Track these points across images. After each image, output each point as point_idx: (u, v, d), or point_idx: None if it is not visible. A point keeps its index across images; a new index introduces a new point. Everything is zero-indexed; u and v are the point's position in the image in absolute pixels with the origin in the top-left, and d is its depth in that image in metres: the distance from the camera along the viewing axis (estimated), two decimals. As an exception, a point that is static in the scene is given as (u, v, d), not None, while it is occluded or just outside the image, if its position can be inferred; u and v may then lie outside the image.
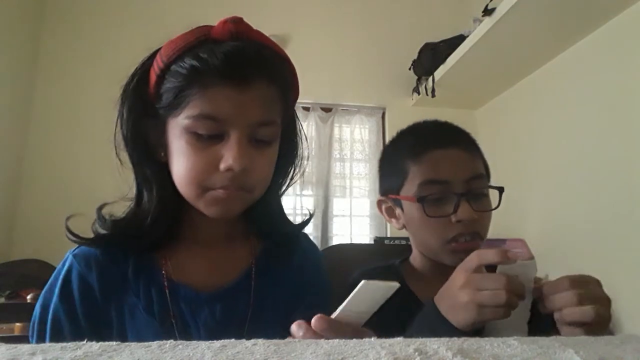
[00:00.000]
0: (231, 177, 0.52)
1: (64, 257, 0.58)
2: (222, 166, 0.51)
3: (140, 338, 0.53)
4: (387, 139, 2.38)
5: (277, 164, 0.60)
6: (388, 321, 0.56)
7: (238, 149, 0.51)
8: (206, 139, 0.52)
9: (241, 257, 0.63)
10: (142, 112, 0.56)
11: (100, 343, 0.31)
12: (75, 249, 0.58)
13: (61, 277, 0.56)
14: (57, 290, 0.55)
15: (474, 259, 0.53)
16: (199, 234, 0.61)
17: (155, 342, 0.32)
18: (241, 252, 0.64)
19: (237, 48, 0.51)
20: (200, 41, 0.52)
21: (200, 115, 0.51)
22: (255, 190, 0.56)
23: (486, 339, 0.34)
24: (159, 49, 0.56)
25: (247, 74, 0.51)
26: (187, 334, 0.55)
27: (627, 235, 1.37)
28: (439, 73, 2.09)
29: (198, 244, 0.61)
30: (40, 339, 0.54)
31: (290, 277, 0.64)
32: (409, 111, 2.40)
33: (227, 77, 0.50)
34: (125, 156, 0.58)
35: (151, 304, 0.56)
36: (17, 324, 1.15)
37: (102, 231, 0.57)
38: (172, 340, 0.32)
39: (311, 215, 0.70)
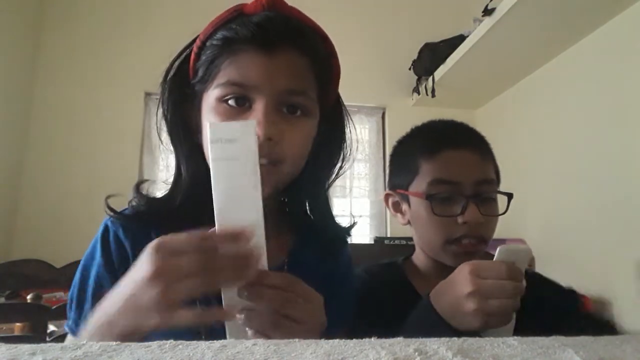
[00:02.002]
0: (260, 144, 0.49)
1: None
2: None
3: None
4: (387, 139, 2.40)
5: (322, 152, 0.59)
6: (391, 319, 0.56)
7: (264, 116, 0.49)
8: (235, 108, 0.51)
9: (274, 250, 0.63)
10: (183, 95, 0.57)
11: (100, 343, 0.31)
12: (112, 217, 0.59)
13: (100, 238, 0.57)
14: (98, 251, 0.56)
15: (488, 268, 0.51)
16: None
17: (155, 342, 0.32)
18: (274, 246, 0.63)
19: (267, 17, 0.52)
20: (233, 16, 0.53)
21: (228, 82, 0.51)
22: (284, 164, 0.53)
23: (486, 339, 0.35)
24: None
25: (274, 41, 0.51)
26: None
27: (627, 235, 1.37)
28: (439, 73, 2.09)
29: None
30: (80, 305, 0.54)
31: (321, 277, 0.62)
32: (409, 111, 2.40)
33: (255, 44, 0.50)
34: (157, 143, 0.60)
35: None
36: (17, 324, 1.15)
37: (140, 207, 0.57)
38: (171, 340, 0.32)
39: (355, 222, 0.69)
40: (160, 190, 0.61)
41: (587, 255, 1.52)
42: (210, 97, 0.53)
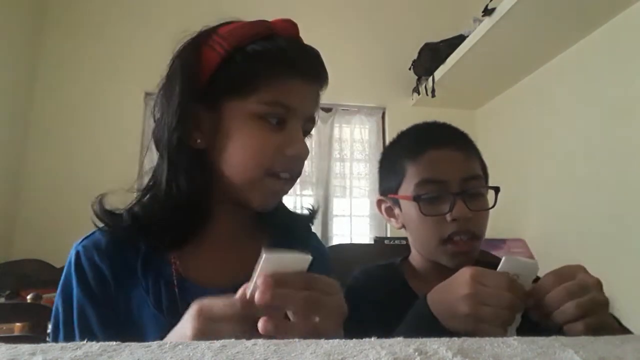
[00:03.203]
0: (295, 162, 0.56)
1: (64, 257, 0.57)
2: (290, 152, 0.55)
3: (146, 332, 0.53)
4: (387, 139, 2.39)
5: None
6: (389, 320, 0.56)
7: (302, 138, 0.56)
8: (274, 126, 0.55)
9: (251, 257, 0.63)
10: (190, 95, 0.55)
11: (100, 343, 0.31)
12: (82, 241, 0.57)
13: (73, 267, 0.55)
14: (74, 280, 0.54)
15: (489, 276, 0.50)
16: (212, 232, 0.60)
17: (155, 342, 0.32)
18: (250, 253, 0.64)
19: (308, 47, 0.58)
20: (267, 33, 0.56)
21: (272, 101, 0.54)
22: (297, 178, 0.60)
23: (486, 338, 0.34)
24: (207, 30, 0.57)
25: (314, 72, 0.58)
26: None
27: (627, 235, 1.37)
28: (439, 73, 2.09)
29: (207, 243, 0.60)
30: (68, 335, 0.53)
31: None
32: (409, 111, 2.40)
33: (301, 71, 0.55)
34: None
35: (160, 299, 0.55)
36: (17, 324, 1.15)
37: (130, 219, 0.56)
38: (171, 340, 0.32)
39: (314, 210, 0.70)
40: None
41: (587, 254, 1.52)
42: (246, 109, 0.54)
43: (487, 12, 1.59)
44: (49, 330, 1.12)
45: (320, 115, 2.38)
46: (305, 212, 0.70)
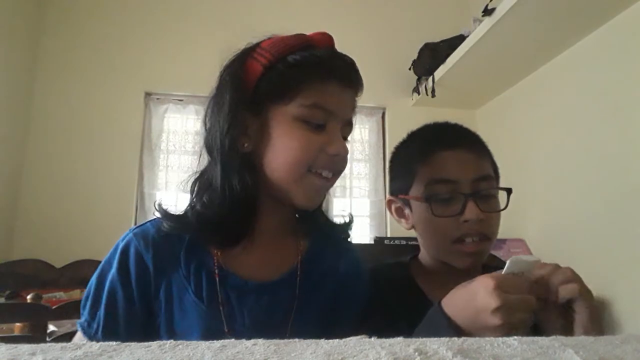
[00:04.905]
0: (335, 161, 0.60)
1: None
2: (331, 150, 0.59)
3: (186, 321, 0.57)
4: (387, 139, 2.40)
5: None
6: (396, 318, 0.56)
7: (341, 139, 0.61)
8: (312, 127, 0.59)
9: (288, 255, 0.67)
10: (239, 103, 0.59)
11: (100, 343, 0.31)
12: (136, 228, 0.62)
13: (120, 250, 0.60)
14: (115, 263, 0.59)
15: (511, 284, 0.50)
16: (254, 229, 0.63)
17: (155, 342, 0.32)
18: (289, 251, 0.68)
19: (343, 55, 0.63)
20: (305, 45, 0.60)
21: (313, 105, 0.58)
22: (339, 176, 0.64)
23: (486, 339, 0.34)
24: (251, 46, 0.63)
25: (350, 77, 0.62)
26: (232, 321, 0.59)
27: (627, 235, 1.37)
28: (439, 73, 2.09)
29: (249, 238, 0.63)
30: (94, 308, 0.58)
31: (333, 278, 0.67)
32: (409, 111, 2.40)
33: (338, 77, 0.60)
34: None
35: (200, 288, 0.59)
36: (17, 324, 1.15)
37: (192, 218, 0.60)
38: (171, 341, 0.32)
39: (351, 219, 0.75)
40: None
41: (587, 254, 1.52)
42: (288, 112, 0.58)
43: (487, 12, 1.59)
44: (49, 330, 1.13)
45: (320, 115, 2.38)
46: (343, 220, 0.74)
